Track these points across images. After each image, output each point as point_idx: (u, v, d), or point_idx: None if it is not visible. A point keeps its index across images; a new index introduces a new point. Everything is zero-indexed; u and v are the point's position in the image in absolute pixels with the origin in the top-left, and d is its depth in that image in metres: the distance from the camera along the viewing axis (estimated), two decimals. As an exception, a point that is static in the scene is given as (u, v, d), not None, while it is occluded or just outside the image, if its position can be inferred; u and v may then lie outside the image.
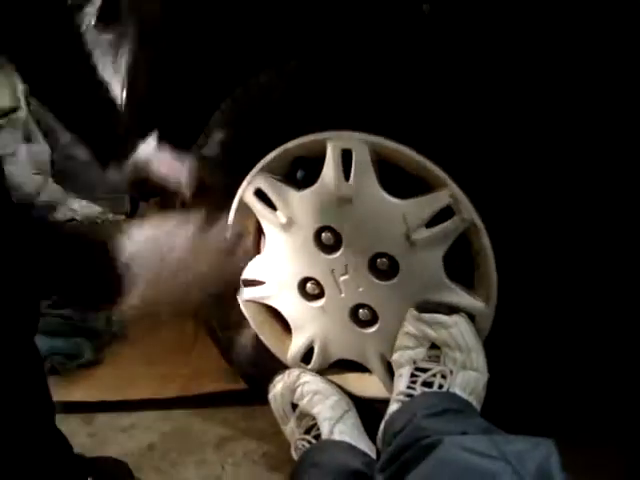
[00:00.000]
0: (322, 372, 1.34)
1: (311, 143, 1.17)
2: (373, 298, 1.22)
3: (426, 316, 1.12)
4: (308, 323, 1.31)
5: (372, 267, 1.20)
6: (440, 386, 1.09)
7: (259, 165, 1.22)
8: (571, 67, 0.98)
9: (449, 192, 1.10)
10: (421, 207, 1.12)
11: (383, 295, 1.20)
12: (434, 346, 1.12)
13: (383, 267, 1.18)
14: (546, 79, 1.01)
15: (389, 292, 1.19)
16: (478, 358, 1.11)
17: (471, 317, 1.16)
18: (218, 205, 1.14)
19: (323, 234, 1.21)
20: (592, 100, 1.00)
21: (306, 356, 1.35)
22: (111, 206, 1.62)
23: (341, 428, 1.22)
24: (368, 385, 1.33)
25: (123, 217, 1.53)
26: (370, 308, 1.24)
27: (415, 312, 1.14)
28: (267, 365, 1.39)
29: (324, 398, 1.26)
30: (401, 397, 1.11)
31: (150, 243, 0.91)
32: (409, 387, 1.11)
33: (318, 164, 1.17)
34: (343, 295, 1.24)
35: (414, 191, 1.13)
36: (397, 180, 1.15)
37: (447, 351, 1.10)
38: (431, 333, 1.11)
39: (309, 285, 1.28)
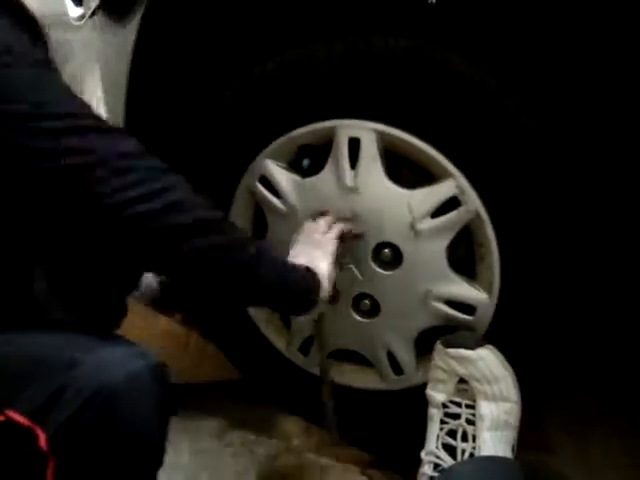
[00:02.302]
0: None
1: (318, 131, 1.17)
2: (376, 288, 1.22)
3: (451, 351, 1.12)
4: (309, 313, 1.31)
5: (376, 257, 1.20)
6: (464, 435, 1.09)
7: (264, 152, 1.22)
8: (576, 61, 1.00)
9: (455, 183, 1.10)
10: (427, 197, 1.13)
11: (386, 285, 1.20)
12: (463, 380, 1.13)
13: (387, 257, 1.19)
14: (555, 69, 1.03)
15: (392, 282, 1.19)
16: (508, 387, 1.11)
17: (472, 308, 1.17)
18: None
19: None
20: (600, 95, 1.02)
21: (305, 346, 1.35)
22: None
23: None
24: (365, 377, 1.34)
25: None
26: (372, 298, 1.24)
27: (441, 346, 1.14)
28: (265, 355, 1.39)
29: None
30: (431, 458, 1.11)
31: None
32: (437, 447, 1.11)
33: (324, 152, 1.18)
34: (345, 285, 1.24)
35: (420, 181, 1.14)
36: (403, 170, 1.16)
37: (475, 385, 1.10)
38: (459, 368, 1.11)
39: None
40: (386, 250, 1.18)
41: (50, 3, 1.35)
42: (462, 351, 1.11)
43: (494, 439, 1.09)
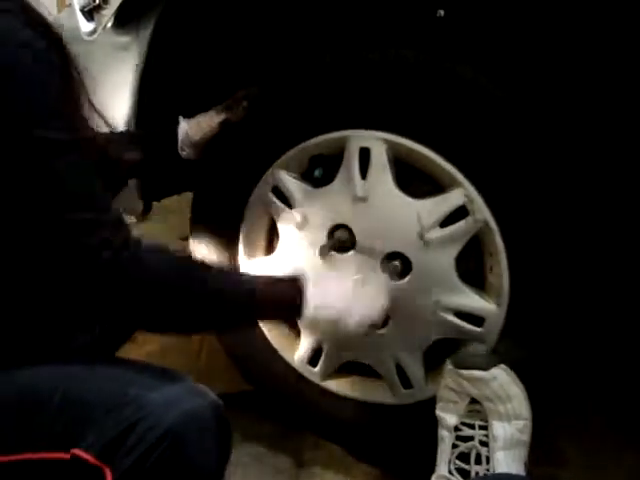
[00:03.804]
0: (328, 375, 1.34)
1: (329, 141, 1.20)
2: (385, 298, 1.22)
3: (464, 373, 1.10)
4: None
5: (385, 267, 1.20)
6: (478, 457, 1.08)
7: (277, 162, 1.25)
8: (585, 69, 1.01)
9: (464, 192, 1.11)
10: (435, 207, 1.14)
11: (395, 295, 1.20)
12: (474, 400, 1.12)
13: (396, 267, 1.19)
14: (562, 80, 1.04)
15: (401, 292, 1.20)
16: (520, 404, 1.09)
17: (481, 319, 1.17)
18: None
19: (337, 232, 1.22)
20: (607, 104, 1.03)
21: (314, 359, 1.35)
22: (124, 207, 1.63)
23: None
24: (374, 390, 1.33)
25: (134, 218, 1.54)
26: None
27: (452, 367, 1.13)
28: (274, 368, 1.39)
29: None
30: None
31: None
32: (450, 472, 1.10)
33: (336, 162, 1.20)
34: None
35: (429, 191, 1.15)
36: (413, 179, 1.17)
37: (488, 405, 1.09)
38: (471, 389, 1.10)
39: (321, 284, 1.28)
40: (395, 260, 1.19)
41: (63, 18, 1.40)
42: (476, 372, 1.09)
43: (508, 458, 1.07)
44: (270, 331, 1.38)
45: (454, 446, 1.10)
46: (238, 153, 1.29)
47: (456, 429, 1.11)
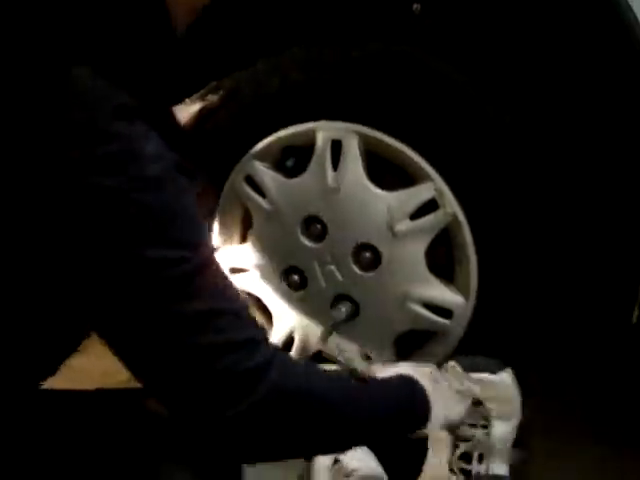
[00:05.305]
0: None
1: (302, 132, 1.20)
2: (355, 289, 1.23)
3: (474, 376, 1.08)
4: (289, 313, 1.32)
5: (355, 258, 1.21)
6: (480, 456, 1.09)
7: (251, 152, 1.25)
8: (554, 66, 1.02)
9: (434, 185, 1.12)
10: (406, 199, 1.14)
11: (365, 286, 1.22)
12: (476, 401, 1.13)
13: (366, 258, 1.20)
14: (534, 77, 1.05)
15: (371, 283, 1.21)
16: (517, 404, 1.10)
17: (449, 312, 1.18)
18: None
19: (309, 223, 1.23)
20: (574, 99, 1.04)
21: (286, 348, 1.36)
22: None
23: None
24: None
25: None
26: (351, 299, 1.25)
27: (459, 369, 1.15)
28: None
29: None
30: None
31: None
32: (452, 471, 1.10)
33: (308, 153, 1.20)
34: (325, 285, 1.25)
35: (400, 183, 1.16)
36: (384, 172, 1.17)
37: (491, 406, 1.10)
38: (477, 391, 1.12)
39: (292, 274, 1.29)
40: (365, 251, 1.20)
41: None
42: (486, 375, 1.09)
43: (503, 456, 1.09)
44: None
45: (455, 446, 1.11)
46: (212, 142, 1.29)
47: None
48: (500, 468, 1.08)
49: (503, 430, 1.09)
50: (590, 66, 1.01)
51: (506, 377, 1.11)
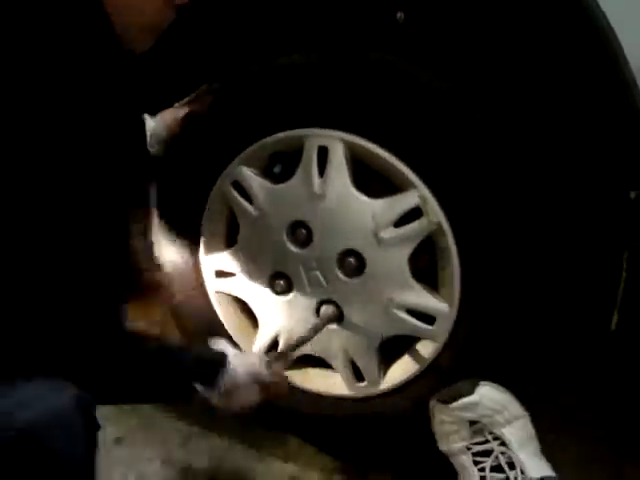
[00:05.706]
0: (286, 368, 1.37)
1: (289, 139, 1.21)
2: (339, 294, 1.25)
3: (454, 405, 1.13)
4: (275, 317, 1.34)
5: (340, 264, 1.23)
6: (510, 462, 1.11)
7: (238, 158, 1.26)
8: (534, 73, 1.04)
9: (418, 193, 1.14)
10: (390, 206, 1.16)
11: (349, 292, 1.23)
12: (473, 421, 1.14)
13: (351, 264, 1.21)
14: (518, 85, 1.07)
15: (355, 289, 1.22)
16: (513, 406, 1.14)
17: (433, 318, 1.20)
18: None
19: (295, 229, 1.24)
20: (559, 105, 1.06)
21: (271, 350, 1.37)
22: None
23: None
24: (331, 383, 1.36)
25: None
26: (336, 305, 1.26)
27: (440, 404, 1.16)
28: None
29: None
30: None
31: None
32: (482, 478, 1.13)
33: (295, 159, 1.21)
34: (310, 290, 1.27)
35: (385, 191, 1.17)
36: (369, 179, 1.19)
37: (487, 421, 1.12)
38: (466, 415, 1.13)
39: (278, 279, 1.30)
40: (350, 257, 1.21)
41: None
42: (464, 400, 1.13)
43: (528, 455, 1.12)
44: (227, 321, 1.40)
45: (476, 463, 1.13)
46: (200, 148, 1.30)
47: (468, 449, 1.14)
48: (533, 468, 1.10)
49: (514, 432, 1.12)
50: (570, 71, 1.03)
51: (485, 391, 1.14)
